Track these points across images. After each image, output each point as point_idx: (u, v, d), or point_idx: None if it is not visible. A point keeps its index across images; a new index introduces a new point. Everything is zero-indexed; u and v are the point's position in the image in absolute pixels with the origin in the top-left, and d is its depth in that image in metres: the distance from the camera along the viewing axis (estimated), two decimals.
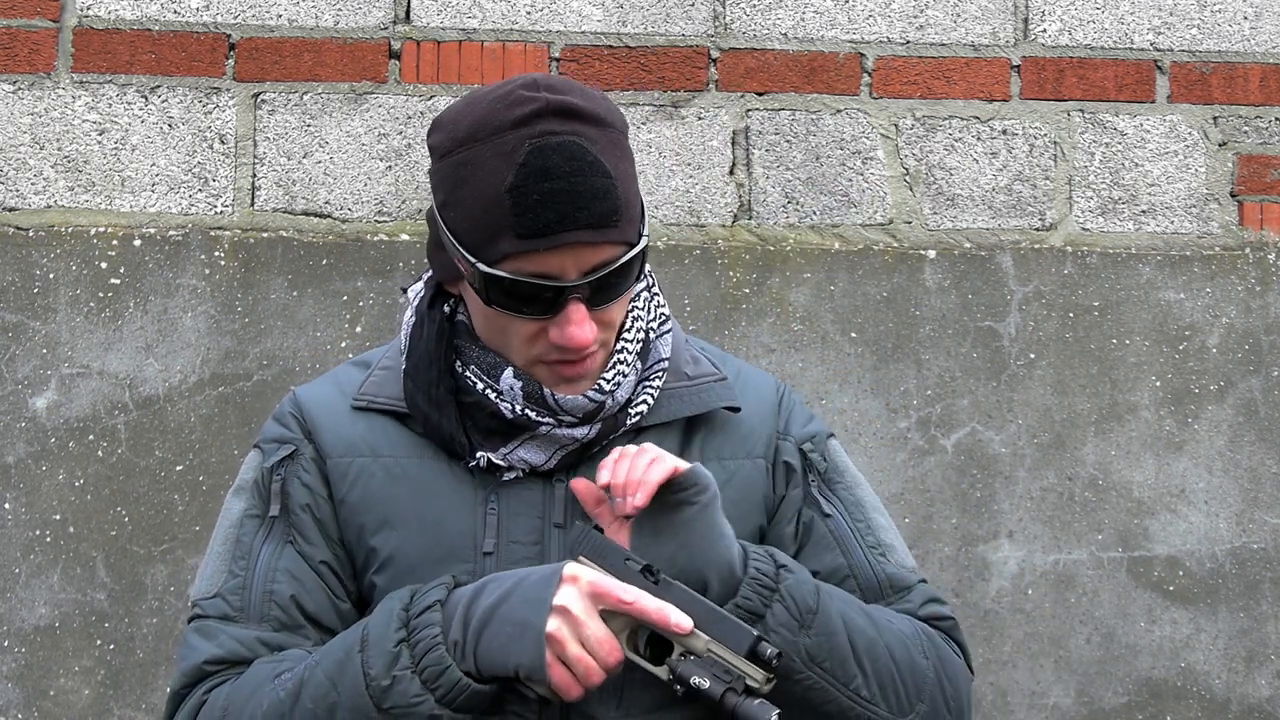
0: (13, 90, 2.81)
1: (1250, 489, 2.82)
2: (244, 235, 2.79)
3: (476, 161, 1.31)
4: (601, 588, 1.23)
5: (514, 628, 1.23)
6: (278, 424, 1.45)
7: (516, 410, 1.36)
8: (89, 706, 2.63)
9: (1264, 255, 2.91)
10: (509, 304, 1.32)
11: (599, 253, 1.30)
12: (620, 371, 1.39)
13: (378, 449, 1.41)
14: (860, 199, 2.89)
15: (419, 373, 1.40)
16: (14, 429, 2.69)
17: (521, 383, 1.36)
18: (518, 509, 1.38)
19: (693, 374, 1.45)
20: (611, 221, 1.30)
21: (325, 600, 1.39)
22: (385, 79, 2.85)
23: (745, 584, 1.30)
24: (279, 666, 1.32)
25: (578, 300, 1.30)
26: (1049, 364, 2.82)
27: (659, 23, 2.88)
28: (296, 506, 1.40)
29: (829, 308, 2.81)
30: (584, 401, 1.36)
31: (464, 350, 1.40)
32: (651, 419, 1.41)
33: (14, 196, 2.79)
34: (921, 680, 1.38)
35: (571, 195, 1.27)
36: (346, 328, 2.74)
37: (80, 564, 2.66)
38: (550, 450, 1.38)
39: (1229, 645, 2.78)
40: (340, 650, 1.28)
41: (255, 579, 1.38)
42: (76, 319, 2.73)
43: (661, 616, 1.22)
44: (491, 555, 1.36)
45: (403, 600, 1.28)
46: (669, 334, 1.46)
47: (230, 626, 1.36)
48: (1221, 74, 2.95)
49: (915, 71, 2.91)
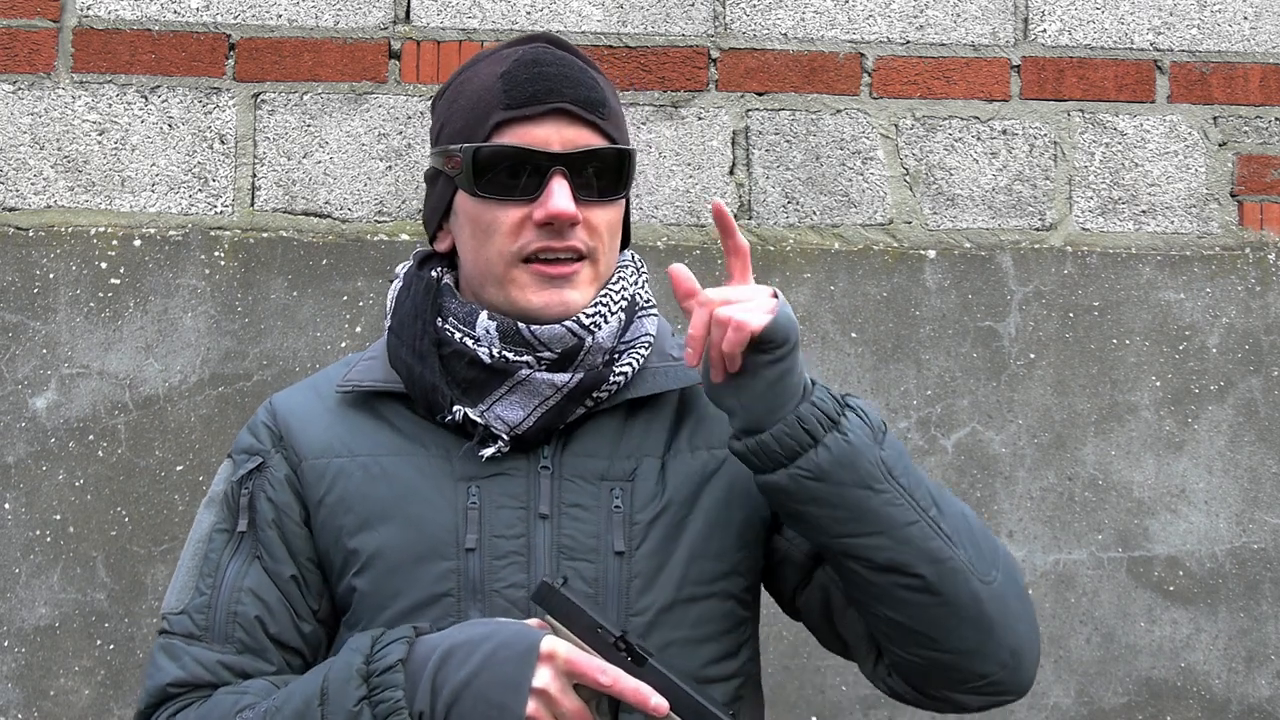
0: (13, 90, 2.81)
1: (1250, 489, 2.82)
2: (244, 235, 2.79)
3: (473, 75, 1.41)
4: (579, 666, 1.21)
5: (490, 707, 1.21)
6: (250, 434, 1.45)
7: (494, 353, 1.36)
8: (89, 706, 2.63)
9: (1264, 255, 2.91)
10: (496, 187, 1.36)
11: (583, 134, 1.36)
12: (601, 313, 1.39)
13: (355, 449, 1.40)
14: (860, 199, 2.89)
15: (404, 328, 1.42)
16: (14, 429, 2.69)
17: (496, 323, 1.37)
18: (500, 501, 1.37)
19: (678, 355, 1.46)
20: (597, 111, 1.37)
21: (289, 621, 1.39)
22: (385, 79, 2.85)
23: (818, 389, 1.29)
24: (240, 700, 1.32)
25: (562, 175, 1.34)
26: (1049, 364, 2.82)
27: (659, 23, 2.88)
28: (264, 522, 1.40)
29: (829, 308, 2.81)
30: (562, 331, 1.36)
31: (445, 306, 1.42)
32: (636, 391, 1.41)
33: (14, 196, 2.79)
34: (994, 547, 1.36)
35: (560, 77, 1.36)
36: (346, 328, 2.74)
37: (80, 564, 2.66)
38: (530, 405, 1.36)
39: (1229, 645, 2.78)
40: (300, 700, 1.27)
41: (220, 598, 1.38)
42: (76, 319, 2.73)
43: (639, 698, 1.21)
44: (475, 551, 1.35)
45: (363, 653, 1.26)
46: (654, 316, 1.47)
47: (194, 647, 1.37)
48: (1221, 74, 2.95)
49: (915, 71, 2.91)
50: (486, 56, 1.42)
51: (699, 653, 1.37)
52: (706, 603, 1.39)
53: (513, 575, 1.33)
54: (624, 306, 1.42)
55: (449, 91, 1.44)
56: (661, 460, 1.41)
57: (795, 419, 1.27)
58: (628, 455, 1.40)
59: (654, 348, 1.44)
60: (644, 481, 1.39)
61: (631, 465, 1.40)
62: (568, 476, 1.38)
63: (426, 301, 1.42)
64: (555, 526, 1.36)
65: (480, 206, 1.37)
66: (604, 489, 1.38)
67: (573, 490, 1.38)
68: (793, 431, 1.27)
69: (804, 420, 1.27)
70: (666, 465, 1.41)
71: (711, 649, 1.39)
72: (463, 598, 1.34)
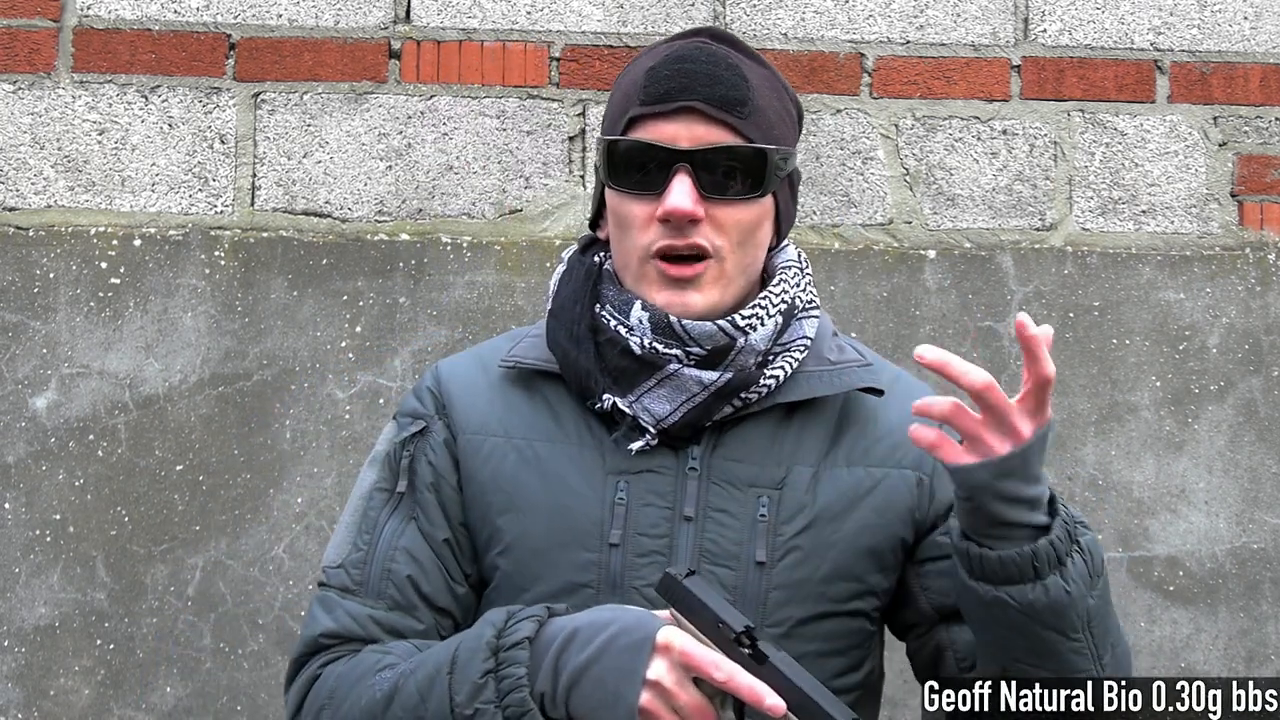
0: (13, 90, 2.81)
1: (1250, 489, 2.82)
2: (244, 235, 2.79)
3: (633, 67, 1.42)
4: (694, 660, 1.19)
5: (606, 694, 1.21)
6: (415, 399, 1.48)
7: (645, 344, 1.35)
8: (89, 706, 2.63)
9: (1264, 255, 2.91)
10: (627, 181, 1.36)
11: (714, 131, 1.34)
12: (757, 315, 1.38)
13: (511, 430, 1.41)
14: (860, 199, 2.89)
15: (563, 312, 1.42)
16: (14, 429, 2.69)
17: (649, 314, 1.36)
18: (647, 499, 1.36)
19: (835, 359, 1.44)
20: (735, 110, 1.34)
21: (441, 582, 1.41)
22: (385, 79, 2.85)
23: (1057, 524, 1.27)
24: (384, 659, 1.34)
25: (684, 173, 1.33)
26: None
27: (659, 23, 2.88)
28: (422, 485, 1.42)
29: (829, 308, 2.81)
30: (713, 330, 1.35)
31: (604, 293, 1.42)
32: (789, 395, 1.39)
33: (14, 196, 2.79)
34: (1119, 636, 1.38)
35: (699, 75, 1.35)
36: (346, 328, 2.74)
37: (80, 564, 2.66)
38: (677, 400, 1.35)
39: (1229, 645, 2.78)
40: (433, 665, 1.28)
41: (376, 555, 1.41)
42: (76, 319, 2.73)
43: (755, 696, 1.18)
44: (618, 547, 1.35)
45: (495, 627, 1.27)
46: (816, 319, 1.45)
47: (348, 600, 1.40)
48: (1221, 74, 2.95)
49: (915, 71, 2.91)
50: (652, 49, 1.43)
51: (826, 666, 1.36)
52: (840, 619, 1.38)
53: (652, 574, 1.32)
54: (782, 310, 1.41)
55: (615, 83, 1.45)
56: (815, 470, 1.39)
57: (1030, 552, 1.25)
58: (778, 463, 1.39)
59: (811, 350, 1.43)
60: (792, 491, 1.38)
61: (781, 473, 1.38)
62: (715, 480, 1.37)
63: (586, 287, 1.42)
64: (699, 530, 1.35)
65: (617, 199, 1.39)
66: (750, 495, 1.37)
67: (719, 494, 1.37)
68: (1021, 562, 1.25)
69: (1037, 555, 1.25)
70: (820, 476, 1.39)
71: (838, 663, 1.38)
72: (602, 590, 1.35)
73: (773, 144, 1.38)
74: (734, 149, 1.35)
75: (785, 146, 1.41)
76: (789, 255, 1.47)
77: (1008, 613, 1.26)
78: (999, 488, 1.25)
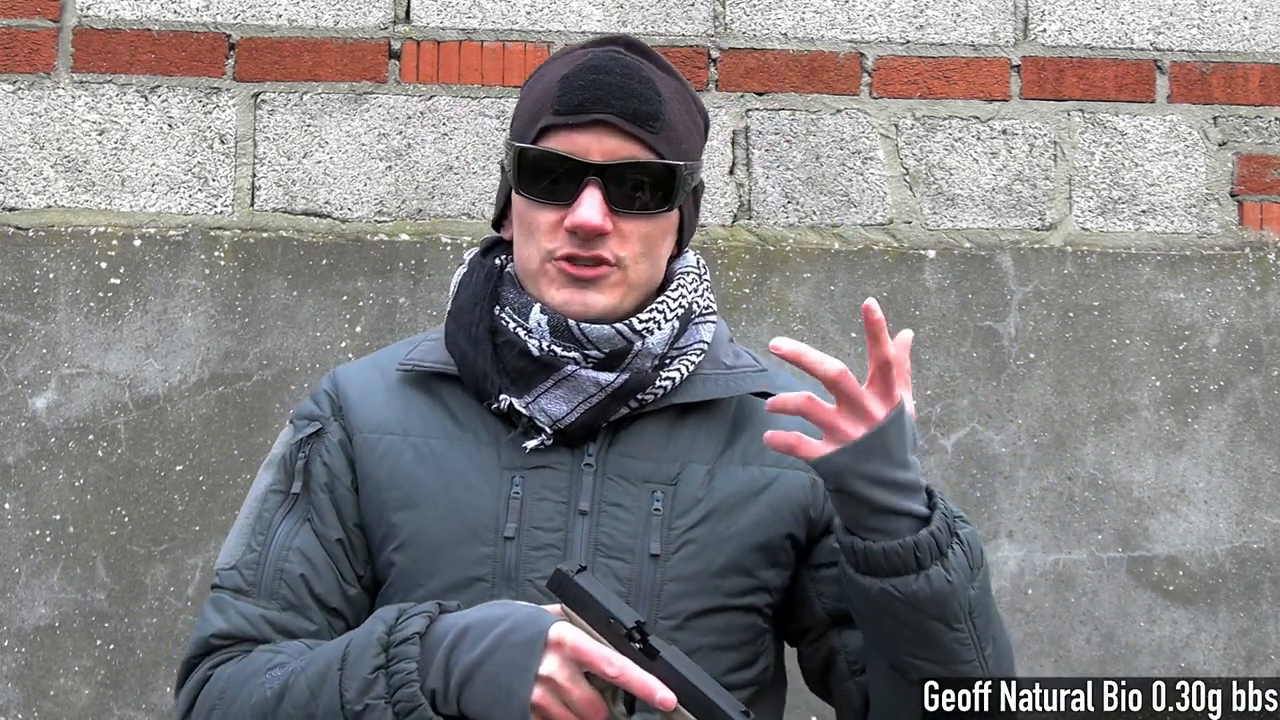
0: (13, 90, 2.81)
1: (1250, 489, 2.82)
2: (244, 235, 2.79)
3: (545, 72, 1.43)
4: (586, 655, 1.20)
5: (499, 691, 1.21)
6: (312, 401, 1.49)
7: (544, 347, 1.38)
8: (89, 706, 2.63)
9: (1264, 255, 2.91)
10: (536, 189, 1.38)
11: (626, 146, 1.36)
12: (655, 319, 1.40)
13: (409, 428, 1.42)
14: (860, 199, 2.89)
15: (462, 313, 1.45)
16: (14, 429, 2.69)
17: (548, 317, 1.39)
18: (542, 493, 1.38)
19: (731, 364, 1.47)
20: (648, 125, 1.36)
21: (334, 583, 1.41)
22: (385, 79, 2.85)
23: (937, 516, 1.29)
24: (275, 658, 1.35)
25: (594, 186, 1.35)
26: (1049, 364, 2.83)
27: (659, 23, 2.88)
28: (317, 485, 1.43)
29: (829, 308, 2.81)
30: (610, 333, 1.38)
31: (504, 295, 1.44)
32: (685, 396, 1.42)
33: (14, 196, 2.79)
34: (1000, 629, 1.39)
35: (613, 87, 1.36)
36: (346, 328, 2.74)
37: (80, 564, 2.66)
38: (574, 401, 1.38)
39: (1229, 645, 2.78)
40: (323, 662, 1.29)
41: (270, 555, 1.42)
42: (76, 319, 2.73)
43: (646, 690, 1.19)
44: (513, 540, 1.36)
45: (386, 623, 1.27)
46: (713, 324, 1.48)
47: (241, 601, 1.41)
48: (1221, 74, 2.95)
49: (915, 71, 2.91)
50: (564, 55, 1.44)
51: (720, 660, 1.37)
52: (733, 614, 1.40)
53: (547, 567, 1.33)
54: (679, 314, 1.43)
55: (525, 86, 1.47)
56: (710, 467, 1.41)
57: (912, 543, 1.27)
58: (673, 459, 1.41)
59: (708, 355, 1.46)
60: (687, 486, 1.40)
61: (676, 469, 1.40)
62: (610, 476, 1.39)
63: (486, 289, 1.45)
64: (594, 523, 1.37)
65: (524, 205, 1.41)
66: (645, 490, 1.38)
67: (614, 489, 1.39)
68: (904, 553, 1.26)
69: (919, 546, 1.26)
70: (715, 473, 1.41)
71: (731, 657, 1.40)
72: (497, 583, 1.36)
73: (682, 159, 1.40)
74: (645, 165, 1.37)
75: (693, 161, 1.44)
76: (688, 262, 1.50)
77: (892, 604, 1.27)
78: (861, 469, 1.26)
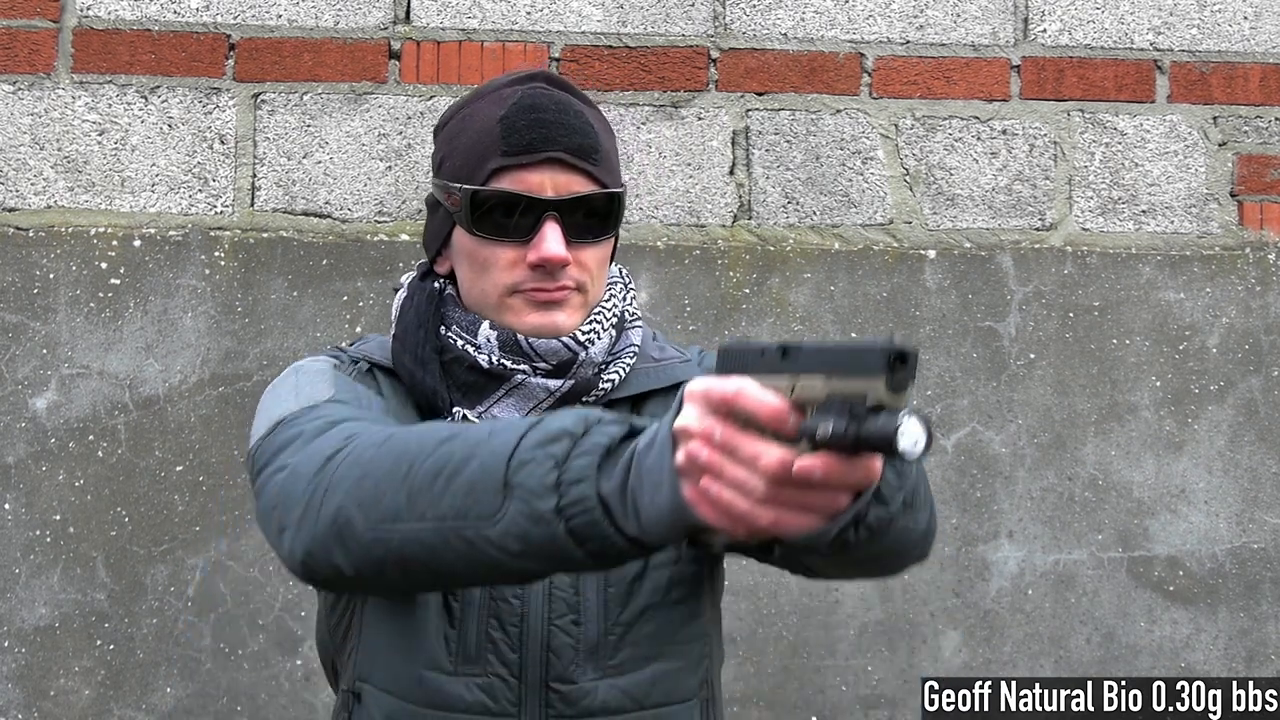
0: (13, 90, 2.81)
1: (1250, 489, 2.82)
2: (244, 235, 2.79)
3: (474, 113, 1.47)
4: (717, 390, 0.97)
5: (652, 480, 1.02)
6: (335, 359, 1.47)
7: (494, 360, 1.42)
8: (89, 706, 2.63)
9: (1264, 255, 2.91)
10: (492, 228, 1.42)
11: (576, 180, 1.43)
12: (595, 330, 1.46)
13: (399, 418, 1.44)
14: (860, 199, 2.89)
15: (407, 335, 1.48)
16: (14, 429, 2.69)
17: (497, 333, 1.43)
18: None
19: (659, 357, 1.53)
20: (590, 158, 1.44)
21: None
22: (385, 79, 2.85)
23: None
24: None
25: (554, 220, 1.41)
26: (1049, 364, 2.83)
27: (659, 23, 2.88)
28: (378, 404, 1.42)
29: (829, 308, 2.81)
30: (558, 346, 1.43)
31: (448, 315, 1.48)
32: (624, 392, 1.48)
33: (14, 196, 2.79)
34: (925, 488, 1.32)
35: (555, 124, 1.43)
36: (346, 328, 2.74)
37: (80, 564, 2.66)
38: (525, 408, 1.43)
39: (1229, 645, 2.78)
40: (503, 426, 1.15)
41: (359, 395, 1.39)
42: (76, 319, 2.73)
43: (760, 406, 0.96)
44: None
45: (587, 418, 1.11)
46: (639, 328, 1.55)
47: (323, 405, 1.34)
48: (1221, 74, 2.95)
49: (915, 71, 2.91)
50: (487, 94, 1.48)
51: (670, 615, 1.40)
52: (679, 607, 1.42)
53: None
54: (614, 323, 1.50)
55: (451, 125, 1.50)
56: None
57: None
58: None
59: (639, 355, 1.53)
60: None
61: None
62: None
63: (429, 310, 1.48)
64: None
65: (477, 244, 1.44)
66: None
67: None
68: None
69: None
70: None
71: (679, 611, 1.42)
72: None
73: (618, 185, 1.49)
74: (592, 197, 1.44)
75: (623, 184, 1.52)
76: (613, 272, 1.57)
77: None
78: None
